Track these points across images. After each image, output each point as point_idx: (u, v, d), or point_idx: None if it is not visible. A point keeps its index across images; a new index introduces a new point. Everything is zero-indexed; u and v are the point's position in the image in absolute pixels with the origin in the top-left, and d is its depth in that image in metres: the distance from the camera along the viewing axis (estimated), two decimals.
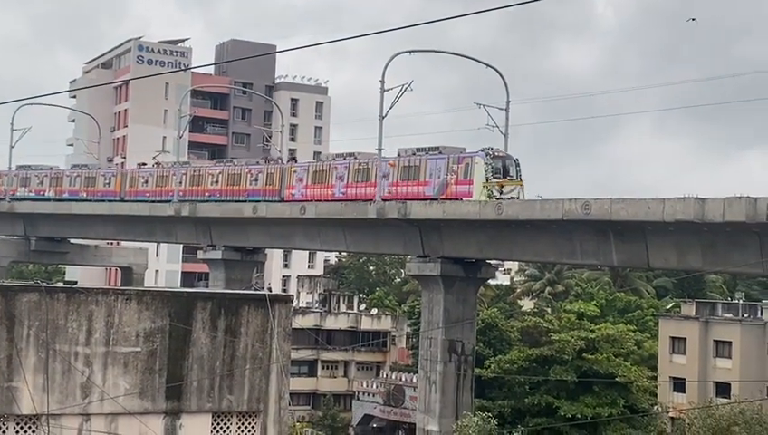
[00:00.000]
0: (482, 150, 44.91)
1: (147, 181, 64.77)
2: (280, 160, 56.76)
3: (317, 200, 51.34)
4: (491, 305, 77.25)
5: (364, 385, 70.35)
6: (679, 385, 59.53)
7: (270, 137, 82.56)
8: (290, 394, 17.06)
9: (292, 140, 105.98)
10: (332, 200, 52.13)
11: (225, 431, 16.40)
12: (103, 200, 68.59)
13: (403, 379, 66.29)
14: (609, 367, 56.48)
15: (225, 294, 18.67)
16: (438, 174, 45.74)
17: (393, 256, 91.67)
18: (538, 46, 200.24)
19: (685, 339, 60.50)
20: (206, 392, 16.12)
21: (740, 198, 33.18)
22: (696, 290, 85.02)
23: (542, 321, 64.22)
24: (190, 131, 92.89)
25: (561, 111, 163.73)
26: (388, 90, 47.79)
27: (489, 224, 43.23)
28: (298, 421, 61.94)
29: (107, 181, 68.37)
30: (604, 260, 42.35)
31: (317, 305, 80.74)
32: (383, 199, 47.78)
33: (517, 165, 44.97)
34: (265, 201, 56.42)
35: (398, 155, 48.67)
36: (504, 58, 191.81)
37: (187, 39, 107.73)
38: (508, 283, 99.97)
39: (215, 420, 16.33)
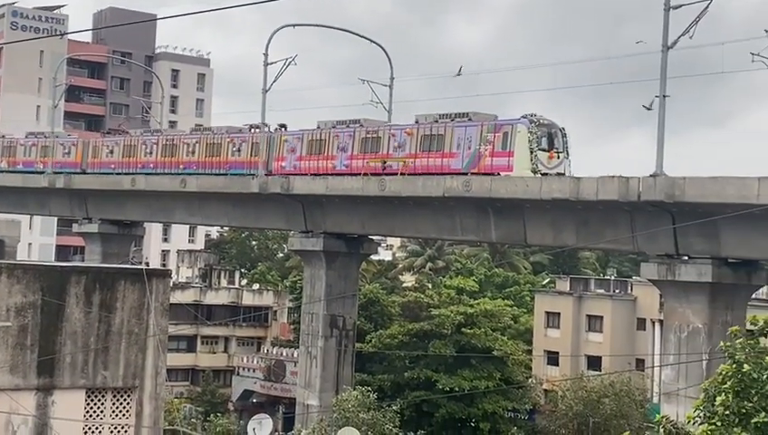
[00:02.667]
0: (524, 117, 39.05)
1: (112, 151, 58.16)
2: (267, 128, 49.64)
3: (313, 174, 45.55)
4: (373, 281, 77.85)
5: (244, 360, 70.02)
6: (553, 358, 61.38)
7: (149, 108, 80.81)
8: (168, 370, 16.87)
9: (173, 111, 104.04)
10: (216, 174, 51.22)
11: (99, 407, 16.09)
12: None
13: (284, 354, 66.24)
14: (486, 341, 57.71)
15: (100, 268, 18.29)
16: (468, 144, 39.88)
17: (276, 231, 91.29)
18: (434, 21, 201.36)
19: (559, 314, 62.32)
20: (80, 368, 15.79)
21: (613, 177, 34.23)
22: (570, 266, 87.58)
23: (422, 296, 65.10)
24: (66, 101, 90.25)
25: (454, 87, 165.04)
26: (272, 63, 47.41)
27: (372, 200, 43.45)
28: (176, 397, 61.06)
29: (66, 151, 61.27)
30: (484, 236, 43.14)
31: (197, 280, 79.76)
32: (266, 174, 47.44)
33: (563, 135, 39.34)
34: (147, 174, 55.13)
35: (416, 122, 42.73)
36: (400, 33, 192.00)
37: (63, 6, 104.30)
38: (390, 258, 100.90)
39: (89, 396, 16.02)
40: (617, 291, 63.59)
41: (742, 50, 33.18)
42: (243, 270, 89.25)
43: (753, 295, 38.29)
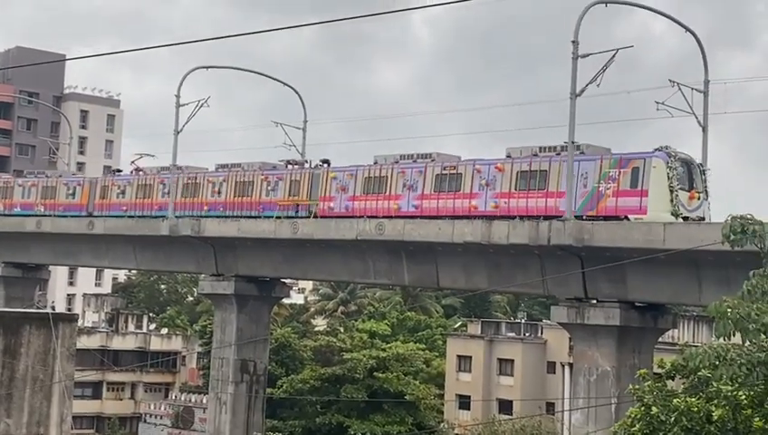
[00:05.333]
0: (659, 149, 33.55)
1: (123, 192, 52.45)
2: (308, 163, 44.68)
3: (371, 216, 40.08)
4: (285, 324, 77.20)
5: (152, 407, 68.54)
6: (465, 403, 61.56)
7: (57, 149, 79.22)
8: (73, 417, 16.34)
9: (81, 153, 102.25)
10: (119, 216, 49.96)
11: None
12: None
13: (193, 400, 65.08)
14: (398, 385, 57.64)
15: (3, 312, 17.71)
16: (584, 181, 34.38)
17: (186, 274, 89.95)
18: (355, 63, 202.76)
19: (470, 357, 62.65)
20: None
21: (523, 221, 34.76)
22: (482, 309, 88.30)
23: (334, 340, 64.81)
24: None
25: (375, 129, 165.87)
26: (185, 105, 47.09)
27: (285, 243, 43.20)
28: None
29: (70, 192, 55.60)
30: (396, 280, 43.23)
31: (104, 325, 77.99)
32: (176, 216, 46.81)
33: (702, 171, 34.11)
34: (52, 216, 53.67)
35: (508, 156, 37.21)
36: (320, 74, 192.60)
37: None
38: (302, 302, 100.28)
39: None
40: (527, 334, 64.25)
41: (653, 98, 34.21)
42: (151, 314, 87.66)
43: (660, 339, 39.09)
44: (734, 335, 12.70)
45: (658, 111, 34.07)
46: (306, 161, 45.18)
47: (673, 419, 13.67)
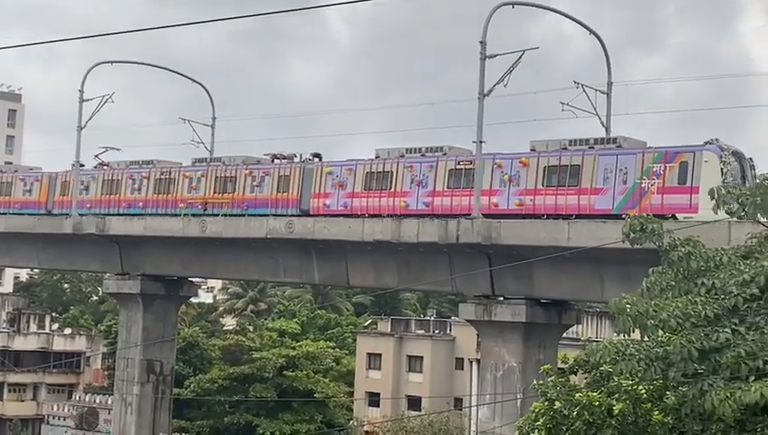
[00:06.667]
0: (710, 143, 30.94)
1: (87, 188, 48.62)
2: (297, 157, 41.93)
3: (372, 215, 37.55)
4: (192, 324, 76.26)
5: (55, 408, 67.19)
6: (375, 400, 61.74)
7: None
8: None
9: None
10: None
11: None
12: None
13: (97, 401, 64.01)
14: (308, 384, 57.55)
15: None
16: (623, 177, 32.00)
17: (90, 273, 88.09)
18: (272, 60, 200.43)
19: (380, 355, 62.83)
20: None
21: (432, 219, 35.02)
22: (391, 307, 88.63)
23: (243, 339, 64.30)
24: None
25: (291, 127, 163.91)
26: (89, 100, 46.22)
27: (193, 241, 42.70)
28: None
29: (27, 188, 51.59)
30: (306, 278, 43.12)
31: (5, 325, 75.98)
32: (74, 215, 45.80)
33: (752, 167, 31.16)
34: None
35: (532, 150, 34.50)
36: (238, 70, 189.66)
37: None
38: (211, 301, 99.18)
39: None
40: (436, 331, 64.71)
41: (562, 98, 34.79)
42: (54, 314, 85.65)
43: (564, 334, 39.85)
44: (633, 331, 13.01)
45: (564, 111, 34.70)
46: (295, 155, 42.27)
47: (575, 413, 13.93)
